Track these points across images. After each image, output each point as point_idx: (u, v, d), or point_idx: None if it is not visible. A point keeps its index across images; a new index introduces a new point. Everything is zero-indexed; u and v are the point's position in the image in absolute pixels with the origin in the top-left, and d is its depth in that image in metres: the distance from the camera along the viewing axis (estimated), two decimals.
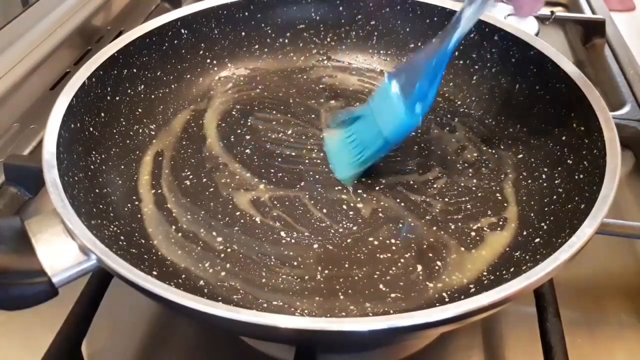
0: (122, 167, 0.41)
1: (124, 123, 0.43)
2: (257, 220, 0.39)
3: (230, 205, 0.40)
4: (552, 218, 0.36)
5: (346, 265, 0.36)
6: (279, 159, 0.43)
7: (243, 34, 0.51)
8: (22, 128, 0.53)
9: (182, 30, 0.47)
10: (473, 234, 0.38)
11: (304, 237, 0.37)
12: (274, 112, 0.48)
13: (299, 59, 0.53)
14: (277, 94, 0.50)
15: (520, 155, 0.43)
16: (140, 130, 0.44)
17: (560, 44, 0.69)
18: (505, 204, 0.40)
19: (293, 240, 0.37)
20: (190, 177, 0.42)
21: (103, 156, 0.40)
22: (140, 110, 0.44)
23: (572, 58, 0.66)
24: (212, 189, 0.41)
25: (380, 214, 0.39)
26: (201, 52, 0.49)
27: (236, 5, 0.49)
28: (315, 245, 0.37)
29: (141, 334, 0.38)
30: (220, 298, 0.33)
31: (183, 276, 0.35)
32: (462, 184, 0.41)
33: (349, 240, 0.37)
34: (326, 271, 0.35)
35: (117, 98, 0.43)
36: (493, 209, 0.39)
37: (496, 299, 0.27)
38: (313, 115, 0.48)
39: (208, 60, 0.50)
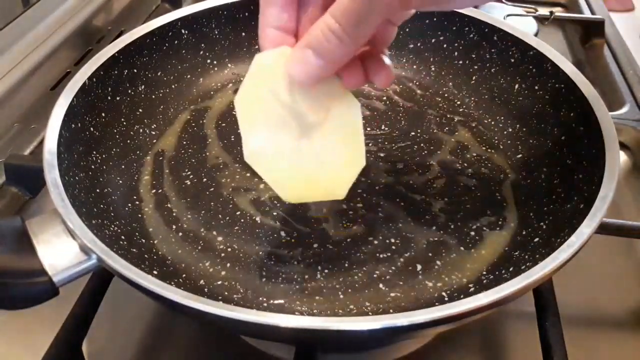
0: (123, 167, 0.41)
1: (124, 123, 0.43)
2: (257, 220, 0.39)
3: (231, 205, 0.40)
4: (551, 218, 0.36)
5: (346, 265, 0.36)
6: None
7: (243, 34, 0.51)
8: (22, 128, 0.53)
9: (183, 31, 0.47)
10: (472, 233, 0.38)
11: (304, 236, 0.37)
12: None
13: None
14: None
15: (520, 155, 0.43)
16: (141, 131, 0.44)
17: (560, 44, 0.69)
18: (504, 204, 0.40)
19: (293, 240, 0.37)
20: (191, 177, 0.42)
21: (104, 156, 0.40)
22: (140, 110, 0.45)
23: (571, 58, 0.67)
24: (212, 189, 0.41)
25: (380, 214, 0.39)
26: (201, 52, 0.49)
27: (236, 5, 0.49)
28: (315, 245, 0.37)
29: (141, 334, 0.38)
30: (220, 297, 0.34)
31: (183, 275, 0.35)
32: (462, 184, 0.41)
33: (349, 240, 0.37)
34: (326, 271, 0.35)
35: (118, 98, 0.43)
36: (492, 208, 0.39)
37: (495, 299, 0.27)
38: None
39: (208, 61, 0.50)
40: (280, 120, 0.30)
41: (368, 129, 0.46)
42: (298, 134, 0.30)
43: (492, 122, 0.46)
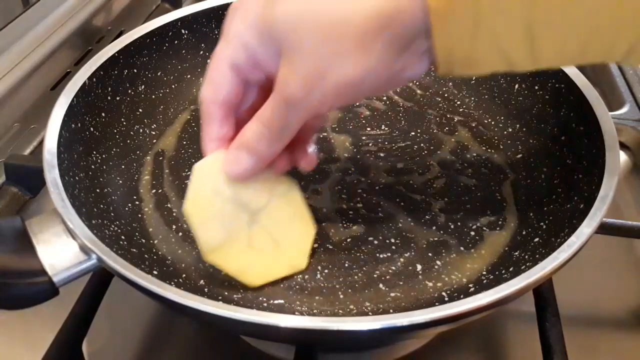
0: (123, 167, 0.41)
1: (124, 123, 0.43)
2: None
3: None
4: (551, 218, 0.36)
5: (346, 265, 0.36)
6: None
7: None
8: (22, 128, 0.53)
9: (183, 31, 0.47)
10: (472, 233, 0.38)
11: None
12: None
13: None
14: None
15: (520, 155, 0.43)
16: (141, 130, 0.44)
17: None
18: (504, 204, 0.40)
19: None
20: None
21: (104, 156, 0.40)
22: (140, 110, 0.45)
23: None
24: None
25: (380, 214, 0.39)
26: (201, 52, 0.49)
27: None
28: (315, 245, 0.37)
29: (142, 333, 0.38)
30: (220, 297, 0.34)
31: (183, 275, 0.35)
32: (462, 184, 0.41)
33: (348, 240, 0.37)
34: (326, 271, 0.35)
35: (118, 98, 0.43)
36: (492, 208, 0.39)
37: (495, 299, 0.27)
38: None
39: (208, 61, 0.49)
40: (229, 214, 0.32)
41: (368, 128, 0.46)
42: (248, 222, 0.33)
43: (492, 122, 0.46)
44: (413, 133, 0.46)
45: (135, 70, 0.44)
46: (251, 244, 0.33)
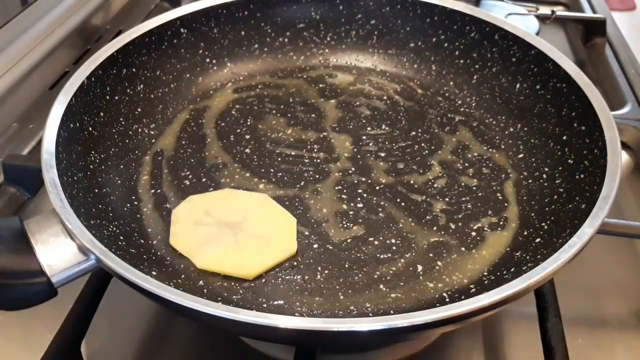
0: (122, 167, 0.41)
1: (123, 123, 0.43)
2: None
3: None
4: (552, 218, 0.36)
5: (346, 265, 0.35)
6: (279, 159, 0.43)
7: (242, 33, 0.51)
8: (21, 128, 0.52)
9: (182, 30, 0.47)
10: (473, 234, 0.38)
11: (304, 237, 0.37)
12: (274, 111, 0.48)
13: (298, 58, 0.53)
14: (277, 94, 0.50)
15: (521, 155, 0.43)
16: (140, 130, 0.44)
17: (561, 43, 0.69)
18: (505, 204, 0.40)
19: None
20: (190, 177, 0.42)
21: (102, 156, 0.40)
22: (139, 109, 0.44)
23: (572, 57, 0.66)
24: (211, 189, 0.41)
25: (381, 214, 0.39)
26: (200, 51, 0.49)
27: (236, 4, 0.49)
28: (315, 246, 0.37)
29: (141, 334, 0.38)
30: (219, 298, 0.33)
31: (182, 276, 0.35)
32: (463, 184, 0.41)
33: (349, 240, 0.37)
34: (326, 271, 0.35)
35: (117, 98, 0.43)
36: (494, 208, 0.39)
37: (497, 299, 0.27)
38: (313, 115, 0.47)
39: (207, 60, 0.50)
40: (213, 233, 0.36)
41: (368, 128, 0.46)
42: (232, 232, 0.36)
43: (494, 122, 0.46)
44: (414, 133, 0.46)
45: (134, 70, 0.44)
46: (239, 246, 0.36)
